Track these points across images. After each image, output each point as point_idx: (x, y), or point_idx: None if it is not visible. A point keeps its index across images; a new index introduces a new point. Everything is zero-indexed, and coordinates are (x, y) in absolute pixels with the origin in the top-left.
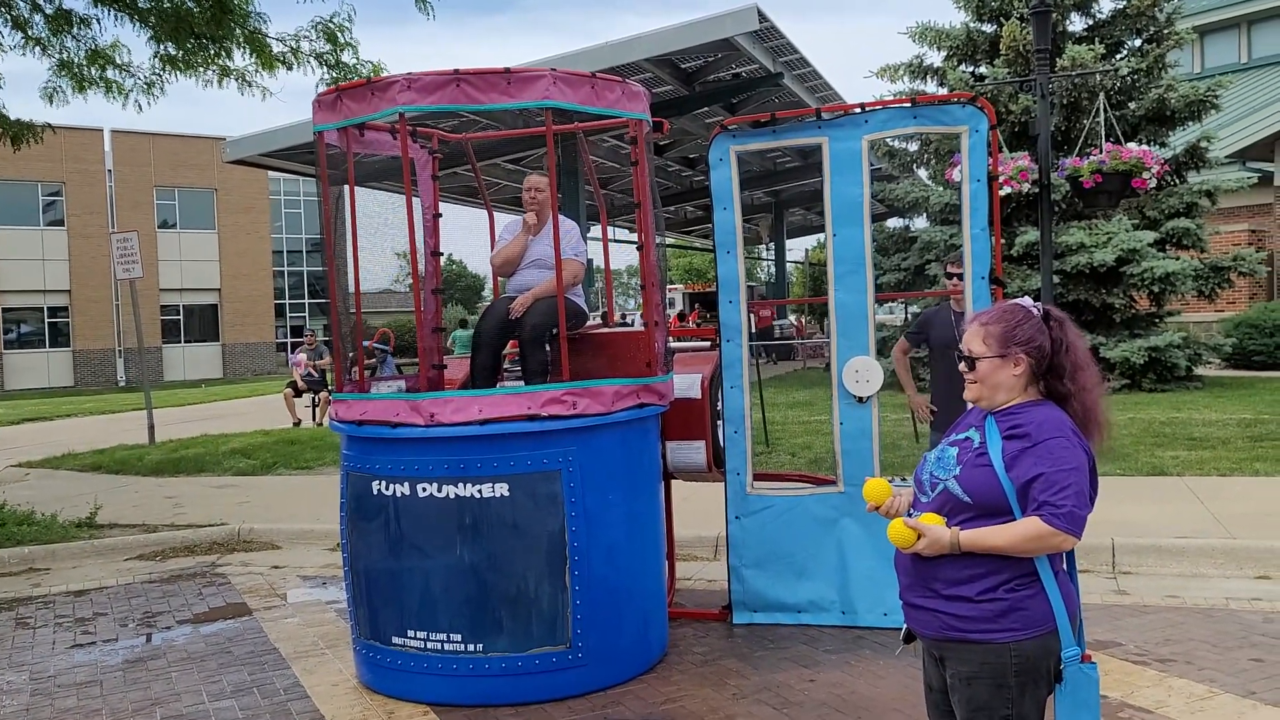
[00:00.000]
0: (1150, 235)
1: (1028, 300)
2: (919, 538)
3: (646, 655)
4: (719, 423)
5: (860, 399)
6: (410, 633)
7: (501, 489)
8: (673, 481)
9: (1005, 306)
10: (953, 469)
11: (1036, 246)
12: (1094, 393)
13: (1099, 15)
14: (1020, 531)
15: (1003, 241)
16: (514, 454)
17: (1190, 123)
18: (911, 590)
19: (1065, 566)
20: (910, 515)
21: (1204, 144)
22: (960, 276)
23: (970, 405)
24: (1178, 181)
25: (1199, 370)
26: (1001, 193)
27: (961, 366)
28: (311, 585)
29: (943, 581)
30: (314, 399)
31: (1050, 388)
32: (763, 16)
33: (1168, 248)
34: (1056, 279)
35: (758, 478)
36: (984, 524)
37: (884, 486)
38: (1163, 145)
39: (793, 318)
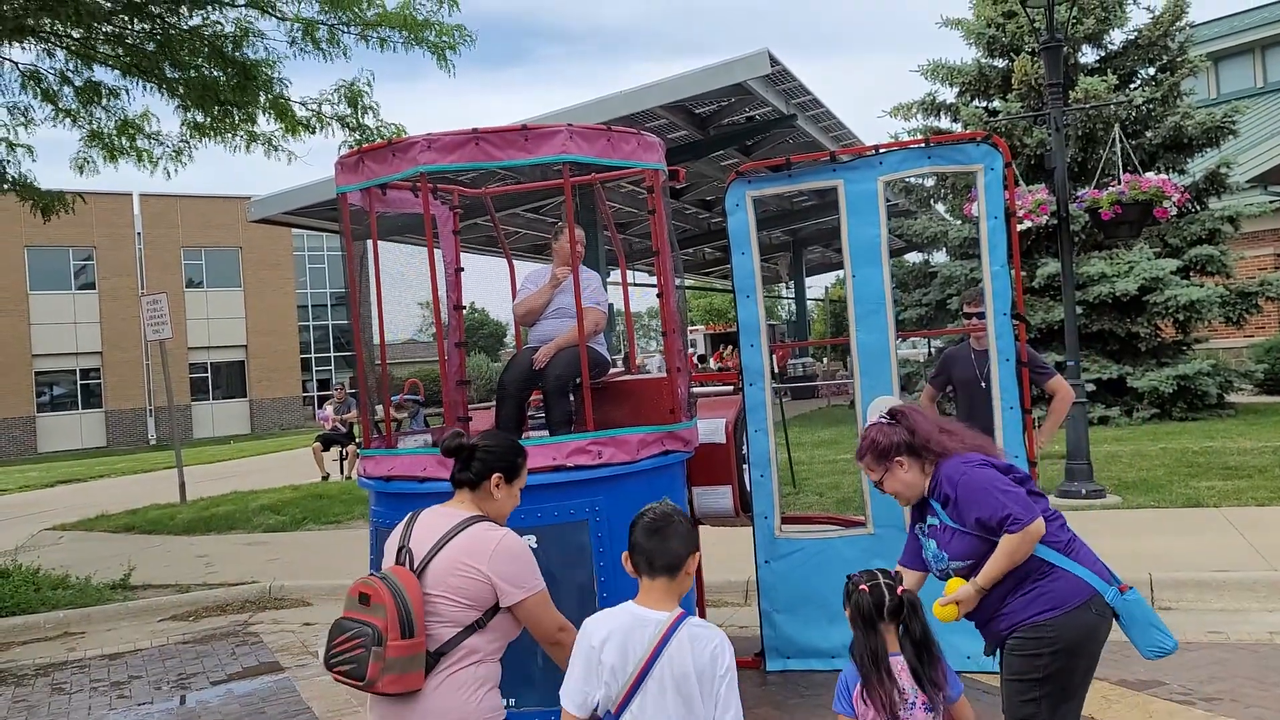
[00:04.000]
0: (1173, 263)
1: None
2: (959, 605)
3: None
4: (745, 466)
5: None
6: None
7: (529, 541)
8: (700, 527)
9: (864, 435)
10: (942, 557)
11: (1058, 278)
12: (954, 429)
13: (1111, 47)
14: (1005, 551)
15: (1024, 274)
16: (541, 505)
17: (1208, 149)
18: (981, 626)
19: (1069, 536)
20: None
21: (1223, 170)
22: (979, 315)
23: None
24: (1199, 208)
25: (1230, 397)
26: (1021, 227)
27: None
28: None
29: (990, 610)
30: (342, 452)
31: (935, 455)
32: (774, 60)
33: (1192, 275)
34: (1079, 310)
35: (786, 521)
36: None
37: (952, 612)
38: (1181, 173)
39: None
